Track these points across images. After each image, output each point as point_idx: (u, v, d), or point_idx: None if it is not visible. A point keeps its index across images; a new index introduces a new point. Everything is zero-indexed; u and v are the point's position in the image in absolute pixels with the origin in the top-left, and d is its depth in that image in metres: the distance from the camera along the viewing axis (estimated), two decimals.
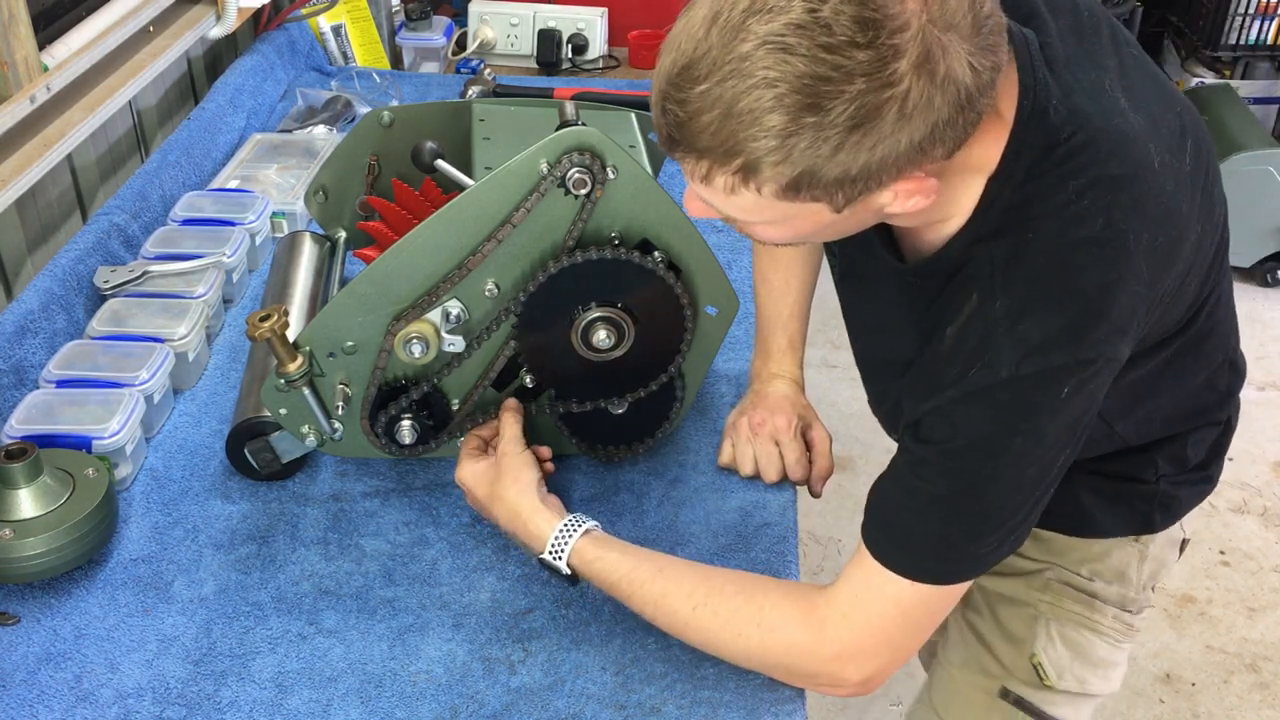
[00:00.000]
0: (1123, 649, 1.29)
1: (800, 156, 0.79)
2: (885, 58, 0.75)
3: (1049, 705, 1.29)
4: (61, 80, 1.55)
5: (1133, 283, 0.89)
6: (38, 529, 1.11)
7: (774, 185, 0.82)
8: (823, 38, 0.75)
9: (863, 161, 0.79)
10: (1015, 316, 0.88)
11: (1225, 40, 3.46)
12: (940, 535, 0.95)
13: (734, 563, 1.20)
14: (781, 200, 0.83)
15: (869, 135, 0.78)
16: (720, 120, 0.79)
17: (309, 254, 1.49)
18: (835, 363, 3.09)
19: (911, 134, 0.79)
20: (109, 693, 1.05)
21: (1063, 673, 1.26)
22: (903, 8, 0.76)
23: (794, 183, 0.81)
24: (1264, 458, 2.79)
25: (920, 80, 0.77)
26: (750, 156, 0.80)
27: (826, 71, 0.75)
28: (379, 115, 1.44)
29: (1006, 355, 0.88)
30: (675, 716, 1.04)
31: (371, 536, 1.23)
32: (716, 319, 1.24)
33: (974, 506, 0.94)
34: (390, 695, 1.06)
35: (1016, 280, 0.89)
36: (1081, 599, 1.25)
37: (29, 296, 1.38)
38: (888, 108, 0.77)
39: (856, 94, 0.76)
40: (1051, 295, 0.88)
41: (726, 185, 0.83)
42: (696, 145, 0.82)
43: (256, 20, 2.23)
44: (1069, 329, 0.87)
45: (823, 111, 0.77)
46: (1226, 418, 1.21)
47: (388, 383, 1.21)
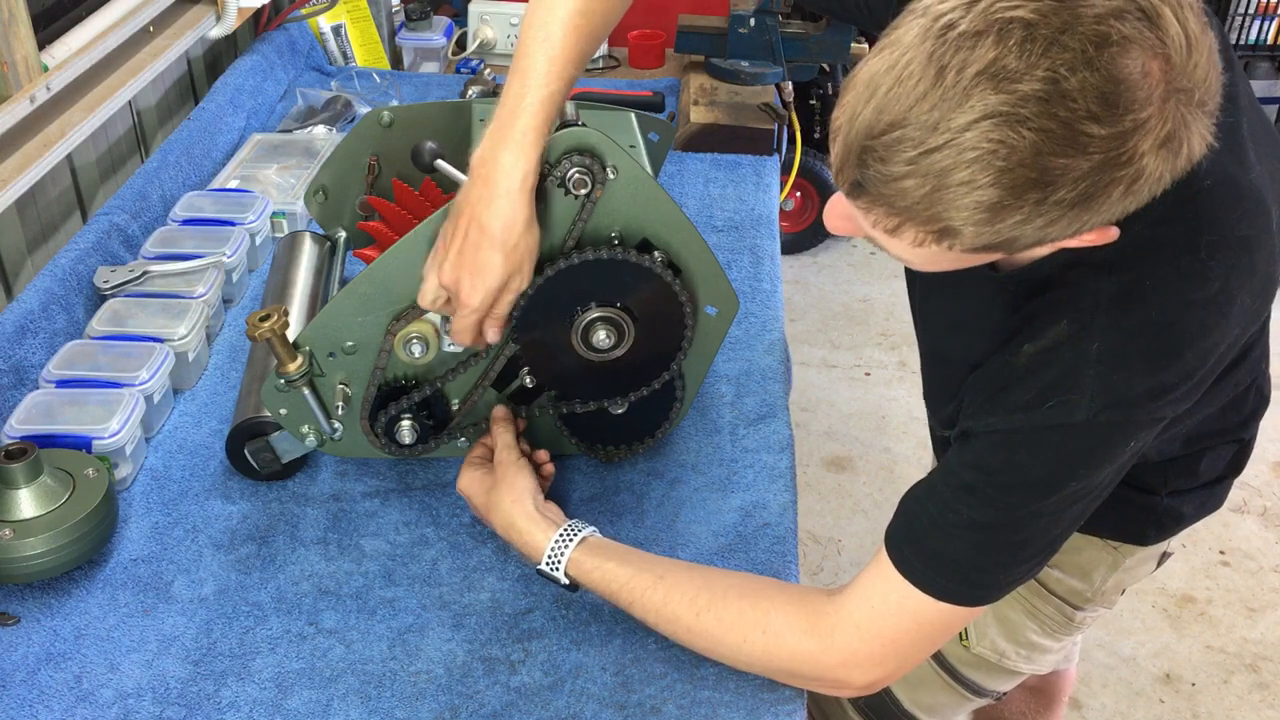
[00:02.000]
0: (1058, 639, 1.27)
1: (1008, 228, 0.74)
2: (1125, 136, 0.69)
3: (960, 663, 1.28)
4: (61, 80, 1.55)
5: (1223, 344, 0.87)
6: (38, 529, 1.11)
7: (968, 246, 0.77)
8: (1062, 111, 0.69)
9: (1069, 230, 0.75)
10: (1110, 364, 0.85)
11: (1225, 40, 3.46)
12: (973, 560, 0.93)
13: (734, 563, 1.20)
14: (967, 254, 0.79)
15: (1086, 210, 0.73)
16: (930, 191, 0.73)
17: (309, 254, 1.49)
18: (835, 363, 3.09)
19: (1126, 206, 0.75)
20: (109, 693, 1.05)
21: (983, 638, 1.25)
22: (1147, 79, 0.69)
23: (990, 246, 0.77)
24: (1264, 458, 2.79)
25: (1159, 159, 0.72)
26: (953, 223, 0.75)
27: (1059, 147, 0.69)
28: (379, 115, 1.44)
29: (1088, 401, 0.85)
30: (675, 716, 1.04)
31: (371, 536, 1.23)
32: (716, 319, 1.24)
33: (1013, 537, 0.92)
34: (390, 695, 1.06)
35: (1123, 327, 0.85)
36: (1030, 583, 1.23)
37: (29, 296, 1.38)
38: (1115, 185, 0.72)
39: (1088, 171, 0.70)
40: (1152, 353, 0.85)
41: (916, 239, 0.78)
42: (894, 205, 0.76)
43: (256, 20, 2.23)
44: (1157, 388, 0.85)
45: (1048, 188, 0.71)
46: (1246, 438, 1.19)
47: (388, 383, 1.21)
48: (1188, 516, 1.21)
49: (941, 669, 1.29)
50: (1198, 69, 0.71)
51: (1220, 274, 0.85)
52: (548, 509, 1.14)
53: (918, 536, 0.95)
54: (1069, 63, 0.68)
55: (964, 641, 1.26)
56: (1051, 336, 0.87)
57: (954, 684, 1.30)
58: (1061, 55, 0.68)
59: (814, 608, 1.00)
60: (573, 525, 1.11)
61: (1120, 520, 1.19)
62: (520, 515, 1.12)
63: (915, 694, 1.32)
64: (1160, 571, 2.46)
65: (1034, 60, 0.68)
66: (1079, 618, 1.26)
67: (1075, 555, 1.22)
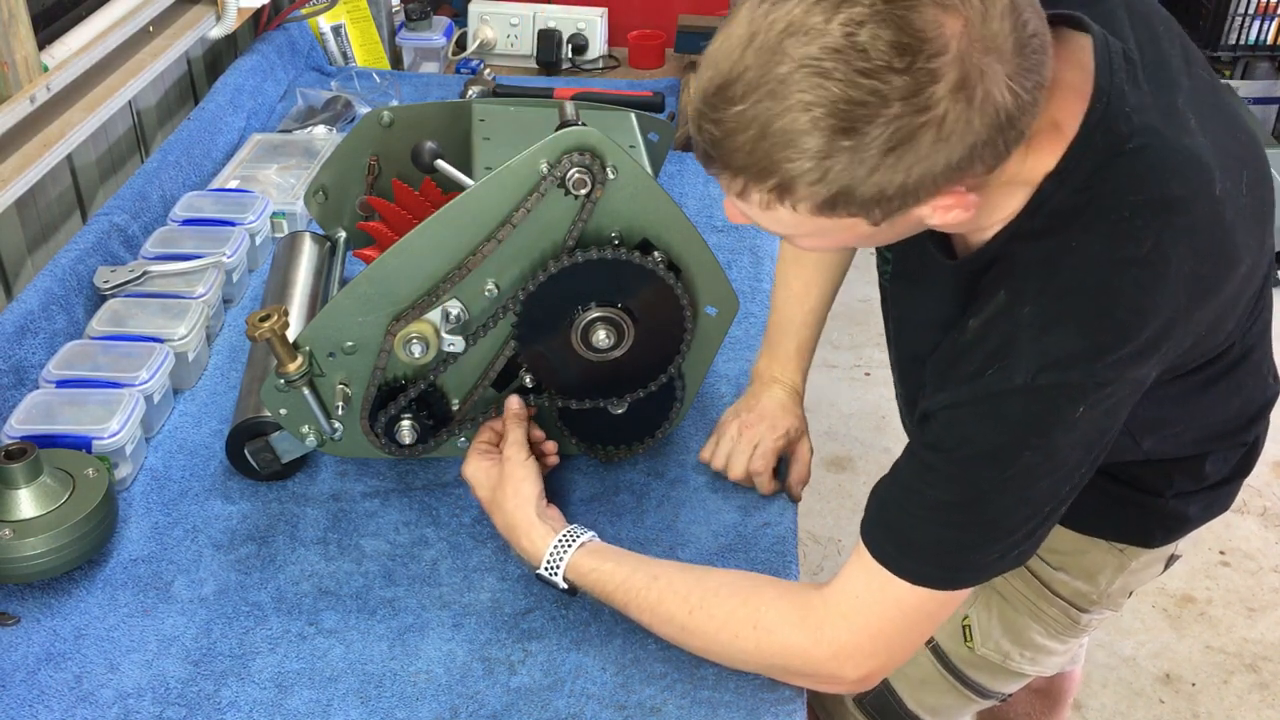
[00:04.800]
0: (1064, 641, 1.27)
1: (836, 177, 0.79)
2: (922, 82, 0.75)
3: (965, 665, 1.29)
4: (61, 80, 1.55)
5: (1167, 310, 0.87)
6: (38, 529, 1.11)
7: (809, 204, 0.82)
8: (859, 62, 0.75)
9: (899, 182, 0.79)
10: (1041, 326, 0.87)
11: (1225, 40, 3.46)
12: (941, 541, 0.94)
13: (734, 563, 1.20)
14: (817, 216, 0.83)
15: (905, 157, 0.78)
16: (755, 141, 0.79)
17: (309, 254, 1.49)
18: (835, 363, 3.09)
19: (949, 155, 0.79)
20: (109, 693, 1.05)
21: (987, 640, 1.26)
22: (941, 31, 0.75)
23: (829, 201, 0.81)
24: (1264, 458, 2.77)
25: (958, 104, 0.76)
26: (785, 176, 0.80)
27: (863, 96, 0.75)
28: (379, 115, 1.44)
29: (1024, 363, 0.86)
30: (675, 716, 1.04)
31: (371, 536, 1.23)
32: (716, 319, 1.24)
33: (978, 516, 0.93)
34: (390, 695, 1.06)
35: (1051, 289, 0.87)
36: (1034, 584, 1.24)
37: (29, 296, 1.38)
38: (924, 131, 0.77)
39: (893, 118, 0.76)
40: (1083, 312, 0.86)
41: (762, 202, 0.84)
42: (732, 163, 0.82)
43: (256, 20, 2.23)
44: (1092, 349, 0.86)
45: (859, 135, 0.77)
46: (1254, 439, 1.18)
47: (388, 383, 1.21)
48: (1194, 518, 1.20)
49: (946, 670, 1.30)
50: (993, 21, 0.77)
51: (1150, 234, 0.86)
52: (549, 513, 1.14)
53: (888, 522, 0.97)
54: (860, 19, 0.75)
55: (968, 643, 1.26)
56: (991, 307, 0.90)
57: (959, 685, 1.30)
58: (853, 10, 0.75)
59: (803, 601, 1.01)
60: (572, 530, 1.11)
61: (1125, 522, 1.20)
62: (522, 519, 1.12)
63: (919, 695, 1.32)
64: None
65: (830, 16, 0.75)
66: (1085, 620, 1.26)
67: (1081, 557, 1.22)
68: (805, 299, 1.32)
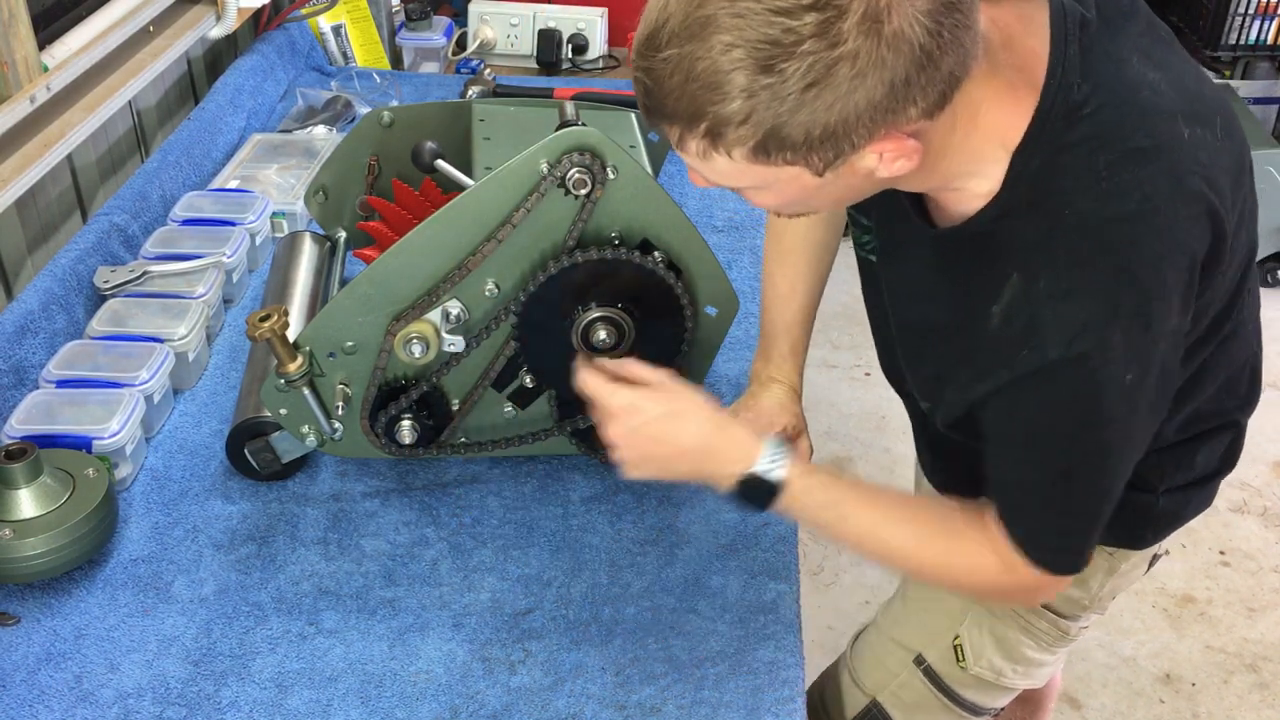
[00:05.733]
0: (1054, 652, 1.29)
1: (761, 118, 0.81)
2: (830, 18, 0.77)
3: (957, 684, 1.30)
4: (61, 80, 1.55)
5: (1176, 254, 0.89)
6: (38, 529, 1.11)
7: (741, 148, 0.84)
8: (775, 2, 0.77)
9: (823, 121, 0.81)
10: (1060, 297, 0.88)
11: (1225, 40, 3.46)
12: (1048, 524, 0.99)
13: (734, 563, 1.20)
14: (755, 164, 0.85)
15: (824, 94, 0.79)
16: (682, 84, 0.81)
17: (309, 254, 1.49)
18: (835, 363, 3.09)
19: (869, 93, 0.80)
20: (109, 693, 1.05)
21: (980, 658, 1.27)
22: None
23: (760, 145, 0.83)
24: (1264, 458, 2.79)
25: (868, 39, 0.78)
26: (714, 120, 0.82)
27: (778, 35, 0.78)
28: (379, 115, 1.44)
29: (1054, 337, 0.88)
30: (675, 716, 1.04)
31: (371, 536, 1.23)
32: (716, 319, 1.24)
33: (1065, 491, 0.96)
34: (390, 695, 1.06)
35: (1058, 260, 0.89)
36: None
37: (29, 296, 1.38)
38: (839, 67, 0.78)
39: (806, 54, 0.78)
40: (1095, 276, 0.88)
41: (699, 150, 0.85)
42: (664, 111, 0.84)
43: (256, 20, 2.23)
44: (1113, 309, 0.88)
45: (778, 73, 0.78)
46: (1243, 422, 1.18)
47: (388, 383, 1.21)
48: (1182, 517, 1.21)
49: (940, 692, 1.31)
50: None
51: (1134, 186, 0.88)
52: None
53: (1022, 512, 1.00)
54: None
55: (961, 663, 1.28)
56: (1009, 291, 0.91)
57: (953, 706, 1.31)
58: None
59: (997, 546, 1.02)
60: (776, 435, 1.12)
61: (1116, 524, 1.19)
62: (725, 416, 1.06)
63: (913, 717, 1.33)
64: (1160, 571, 2.47)
65: None
66: (1074, 629, 1.27)
67: None
68: (793, 298, 1.33)
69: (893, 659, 1.33)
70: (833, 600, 2.40)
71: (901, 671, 1.31)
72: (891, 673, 1.32)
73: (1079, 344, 0.87)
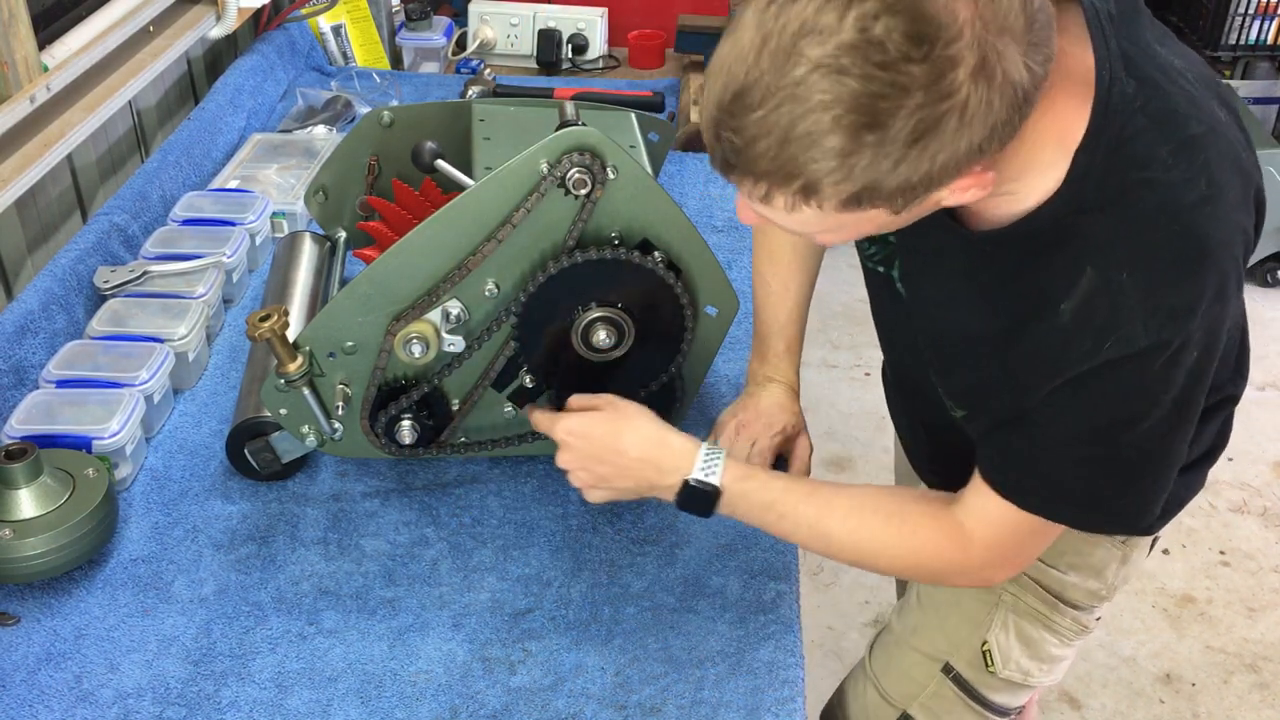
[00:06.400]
0: (1073, 645, 1.30)
1: (862, 174, 0.79)
2: (942, 70, 0.75)
3: (987, 689, 1.30)
4: (61, 80, 1.55)
5: (1240, 235, 0.91)
6: (38, 529, 1.11)
7: (835, 201, 0.82)
8: (876, 56, 0.75)
9: (924, 170, 0.80)
10: (1147, 288, 0.89)
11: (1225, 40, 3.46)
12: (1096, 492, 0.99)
13: (734, 563, 1.20)
14: (841, 213, 0.84)
15: (929, 146, 0.78)
16: (778, 146, 0.79)
17: (309, 254, 1.49)
18: (835, 363, 3.09)
19: (971, 138, 0.79)
20: (109, 693, 1.05)
21: (1009, 662, 1.28)
22: (954, 16, 0.75)
23: (855, 197, 0.82)
24: (1264, 458, 2.79)
25: (979, 87, 0.77)
26: (811, 178, 0.80)
27: (883, 89, 0.75)
28: (379, 115, 1.44)
29: (1142, 326, 0.89)
30: (675, 716, 1.04)
31: (371, 536, 1.23)
32: (716, 319, 1.24)
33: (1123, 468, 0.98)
34: (390, 695, 1.06)
35: (1140, 250, 0.89)
36: (1046, 598, 1.25)
37: (29, 296, 1.38)
38: (948, 118, 0.77)
39: (915, 108, 0.76)
40: (1180, 264, 0.89)
41: (787, 204, 0.84)
42: (754, 170, 0.82)
43: (256, 20, 2.23)
44: (1200, 292, 0.89)
45: (882, 129, 0.77)
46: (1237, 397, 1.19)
47: (388, 383, 1.21)
48: (1184, 499, 1.23)
49: (970, 698, 1.31)
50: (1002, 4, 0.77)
51: (1199, 172, 0.89)
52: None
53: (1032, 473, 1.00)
54: (873, 11, 0.75)
55: (990, 668, 1.28)
56: (1084, 286, 0.91)
57: (981, 709, 1.32)
58: (864, 5, 0.75)
59: (950, 526, 1.06)
60: (712, 442, 1.12)
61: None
62: (664, 430, 1.10)
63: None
64: (1160, 571, 2.47)
65: (842, 12, 0.75)
66: (1091, 621, 1.28)
67: (1089, 557, 1.23)
68: (786, 297, 1.33)
69: (919, 669, 1.33)
70: (833, 600, 2.40)
71: (930, 682, 1.32)
72: (920, 684, 1.33)
73: (1166, 331, 0.89)
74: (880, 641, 1.40)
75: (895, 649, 1.36)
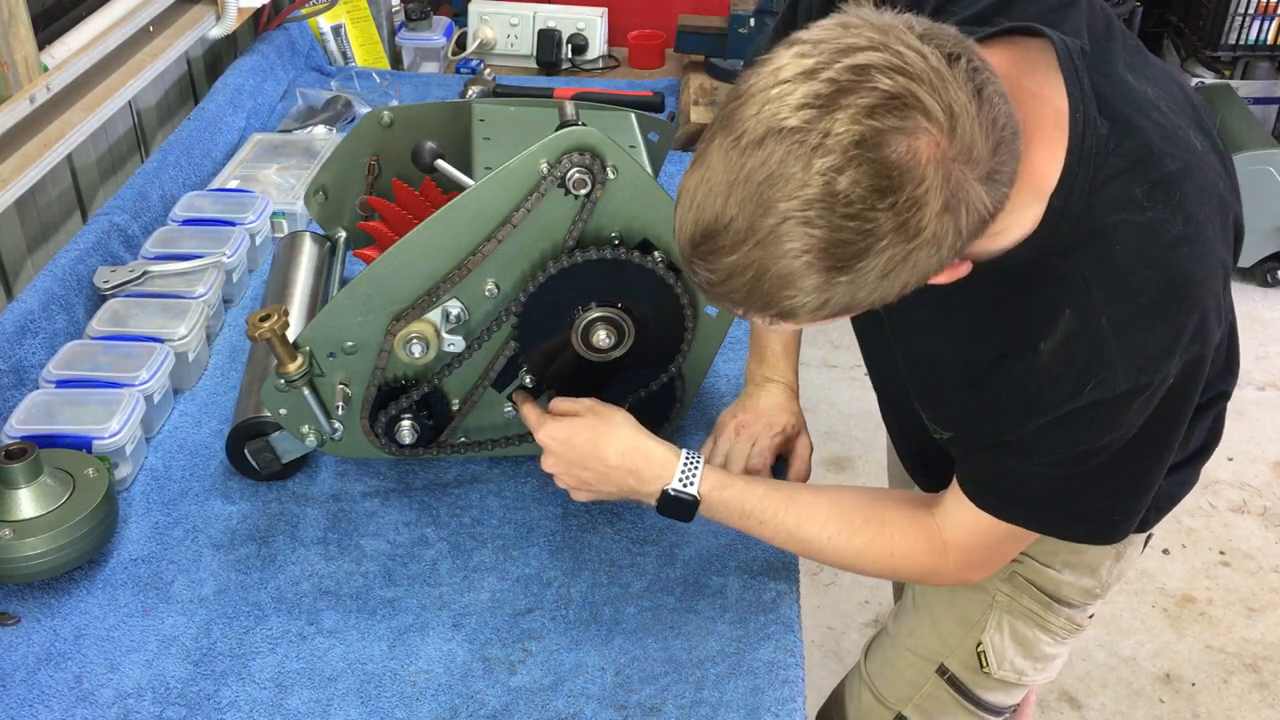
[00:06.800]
0: (1066, 643, 1.30)
1: (837, 302, 0.81)
2: (908, 215, 0.76)
3: (982, 690, 1.31)
4: (61, 80, 1.55)
5: (1219, 270, 0.91)
6: (38, 529, 1.11)
7: (812, 320, 0.84)
8: (843, 209, 0.76)
9: (898, 289, 0.82)
10: (1125, 329, 0.89)
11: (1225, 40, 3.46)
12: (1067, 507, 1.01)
13: (734, 563, 1.20)
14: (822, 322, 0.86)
15: (901, 275, 0.80)
16: (753, 283, 0.81)
17: (309, 254, 1.49)
18: (835, 363, 3.09)
19: (941, 258, 0.81)
20: (109, 693, 1.05)
21: (1003, 662, 1.28)
22: (916, 159, 0.76)
23: (832, 315, 0.84)
24: (1264, 458, 2.78)
25: (944, 223, 0.78)
26: (786, 309, 0.82)
27: (851, 237, 0.77)
28: (379, 115, 1.44)
29: (1124, 369, 0.89)
30: (675, 716, 1.04)
31: (371, 536, 1.23)
32: (716, 319, 1.24)
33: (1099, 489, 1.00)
34: (390, 695, 1.06)
35: (1119, 293, 0.89)
36: (1040, 598, 1.26)
37: (29, 296, 1.38)
38: (917, 252, 0.78)
39: (885, 249, 0.77)
40: (1160, 304, 0.89)
41: (766, 321, 0.86)
42: (730, 300, 0.84)
43: (256, 20, 2.23)
44: (1180, 332, 0.89)
45: (854, 270, 0.78)
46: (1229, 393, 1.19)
47: (388, 383, 1.21)
48: (1178, 496, 1.23)
49: (965, 699, 1.32)
50: (966, 134, 0.77)
51: (1176, 211, 0.89)
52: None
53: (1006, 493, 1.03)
54: (836, 165, 0.75)
55: (985, 669, 1.29)
56: (1063, 328, 0.91)
57: (976, 710, 1.33)
58: (828, 159, 0.75)
59: (929, 528, 1.09)
60: (691, 450, 1.13)
61: None
62: (642, 436, 1.13)
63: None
64: (1160, 571, 2.47)
65: (807, 165, 0.76)
66: (1084, 619, 1.29)
67: (1083, 555, 1.23)
68: None
69: (914, 671, 1.33)
70: (833, 600, 2.40)
71: (925, 683, 1.32)
72: (914, 685, 1.33)
73: (1145, 375, 0.89)
74: (875, 644, 1.41)
75: (890, 651, 1.36)
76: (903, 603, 1.37)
